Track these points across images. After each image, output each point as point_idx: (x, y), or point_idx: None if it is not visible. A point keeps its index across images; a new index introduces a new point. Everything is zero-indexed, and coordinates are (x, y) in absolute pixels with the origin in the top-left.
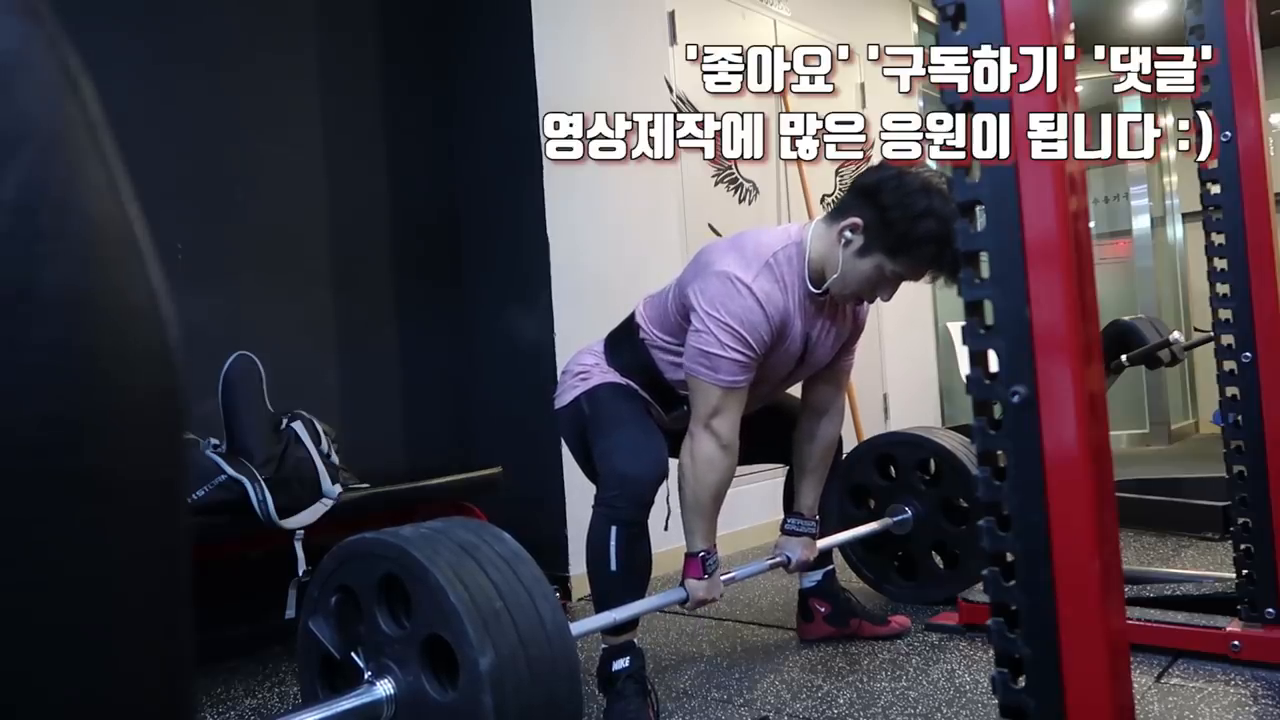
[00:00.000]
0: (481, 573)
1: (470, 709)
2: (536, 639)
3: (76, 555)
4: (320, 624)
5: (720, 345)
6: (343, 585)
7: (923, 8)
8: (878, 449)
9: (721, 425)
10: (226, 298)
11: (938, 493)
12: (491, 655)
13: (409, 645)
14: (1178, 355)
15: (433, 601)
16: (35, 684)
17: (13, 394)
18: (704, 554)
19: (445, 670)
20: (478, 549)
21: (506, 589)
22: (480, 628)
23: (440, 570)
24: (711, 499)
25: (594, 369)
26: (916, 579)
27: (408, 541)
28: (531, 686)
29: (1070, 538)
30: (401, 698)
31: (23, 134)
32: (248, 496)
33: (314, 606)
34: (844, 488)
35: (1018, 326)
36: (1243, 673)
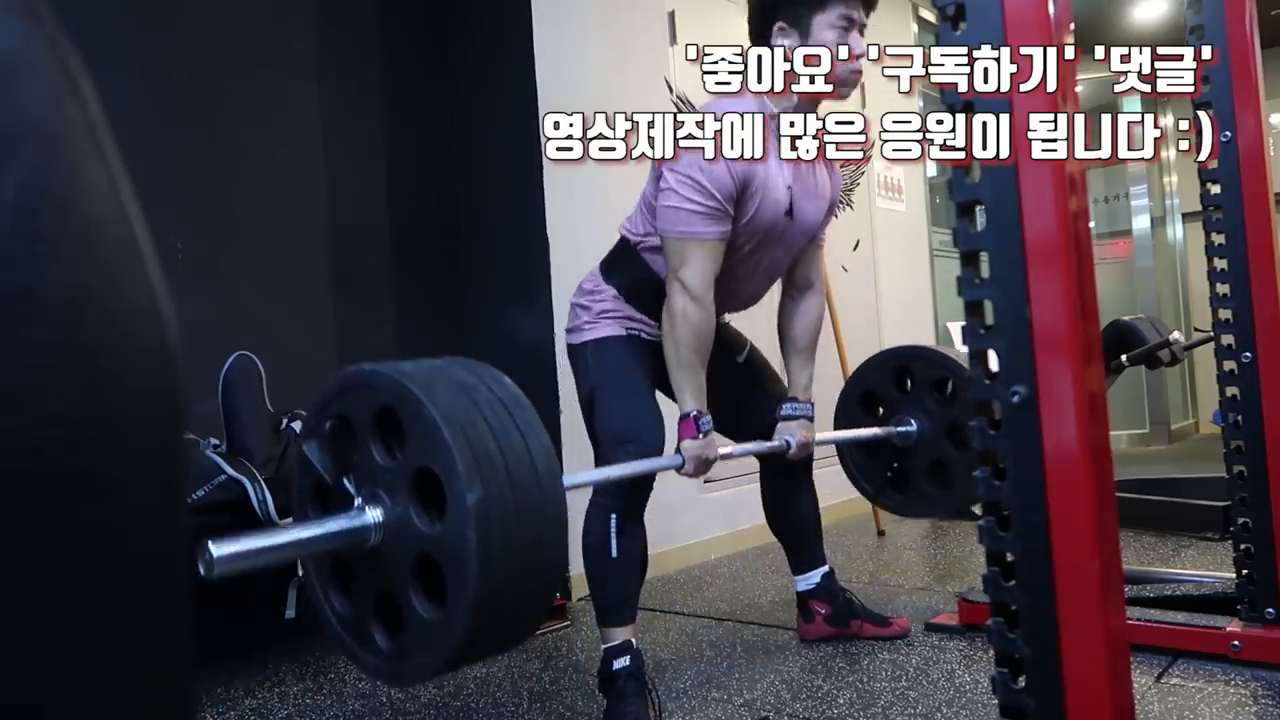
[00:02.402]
0: (477, 412)
1: (455, 541)
2: (527, 481)
3: (76, 555)
4: (315, 450)
5: (680, 198)
6: (339, 414)
7: (923, 8)
8: (896, 360)
9: (690, 277)
10: (226, 298)
11: (947, 413)
12: (480, 491)
13: (399, 476)
14: (1178, 355)
15: (426, 436)
16: (35, 684)
17: (12, 394)
18: (696, 414)
19: (434, 503)
20: (476, 389)
21: (500, 430)
22: (471, 464)
23: (436, 406)
24: (692, 352)
25: (595, 299)
26: (909, 494)
27: (406, 376)
28: (518, 526)
29: (1070, 538)
30: (389, 525)
31: (23, 134)
32: (248, 496)
33: (310, 432)
34: (855, 393)
35: (1018, 326)
36: (1243, 673)
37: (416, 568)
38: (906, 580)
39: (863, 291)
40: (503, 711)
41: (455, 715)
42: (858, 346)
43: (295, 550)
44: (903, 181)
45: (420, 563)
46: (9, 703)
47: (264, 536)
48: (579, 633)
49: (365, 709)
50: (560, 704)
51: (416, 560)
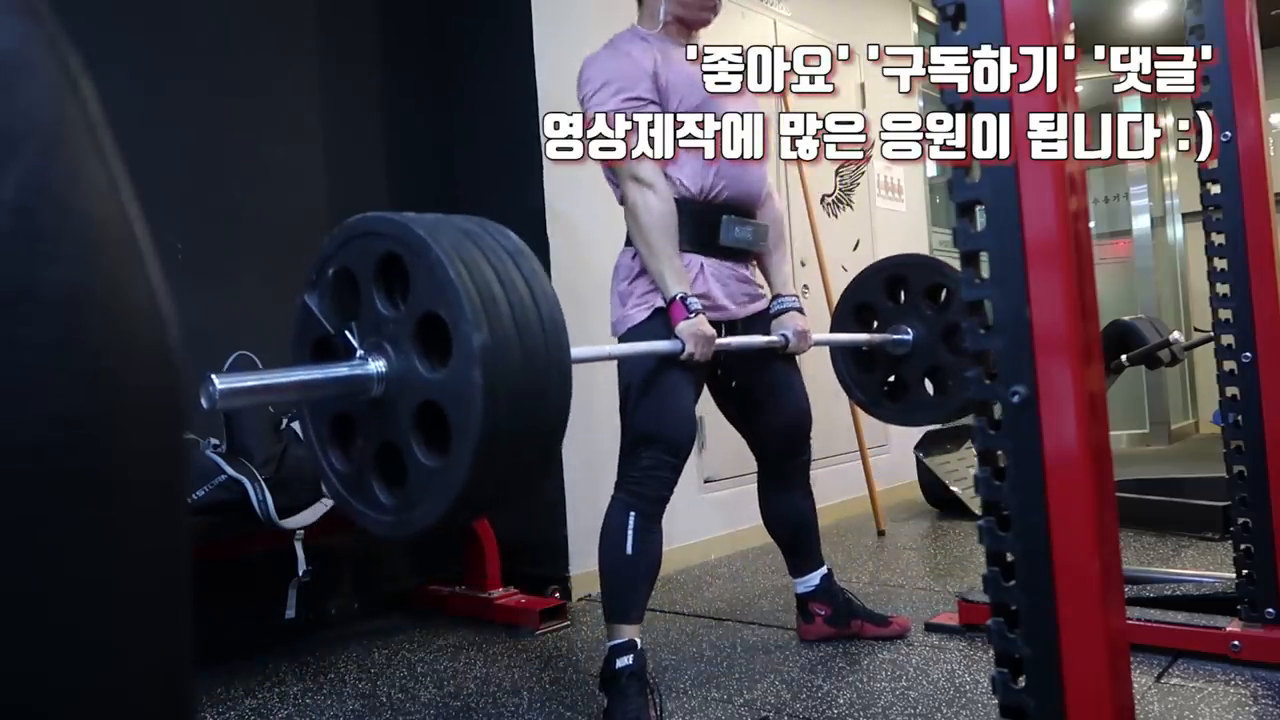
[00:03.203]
0: (483, 257)
1: (460, 383)
2: (532, 326)
3: (76, 555)
4: (316, 300)
5: (607, 102)
6: (342, 265)
7: (923, 8)
8: (888, 270)
9: (639, 169)
10: (226, 298)
11: (941, 319)
12: (486, 333)
13: (404, 325)
14: (1178, 355)
15: (431, 278)
16: (36, 684)
17: (12, 394)
18: (681, 296)
19: (438, 351)
20: (480, 238)
21: (506, 277)
22: (477, 306)
23: (441, 248)
24: (661, 237)
25: (631, 275)
26: (904, 402)
27: (410, 220)
28: (523, 372)
29: (1070, 538)
30: (391, 376)
31: (23, 134)
32: (248, 496)
33: (311, 285)
34: (850, 305)
35: (1018, 326)
36: (1243, 673)
37: (419, 416)
38: (906, 580)
39: None
40: (503, 711)
41: (455, 715)
42: None
43: (296, 391)
44: (903, 181)
45: (423, 411)
46: (9, 703)
47: (267, 375)
48: (579, 633)
49: (365, 709)
50: (560, 704)
51: (419, 408)
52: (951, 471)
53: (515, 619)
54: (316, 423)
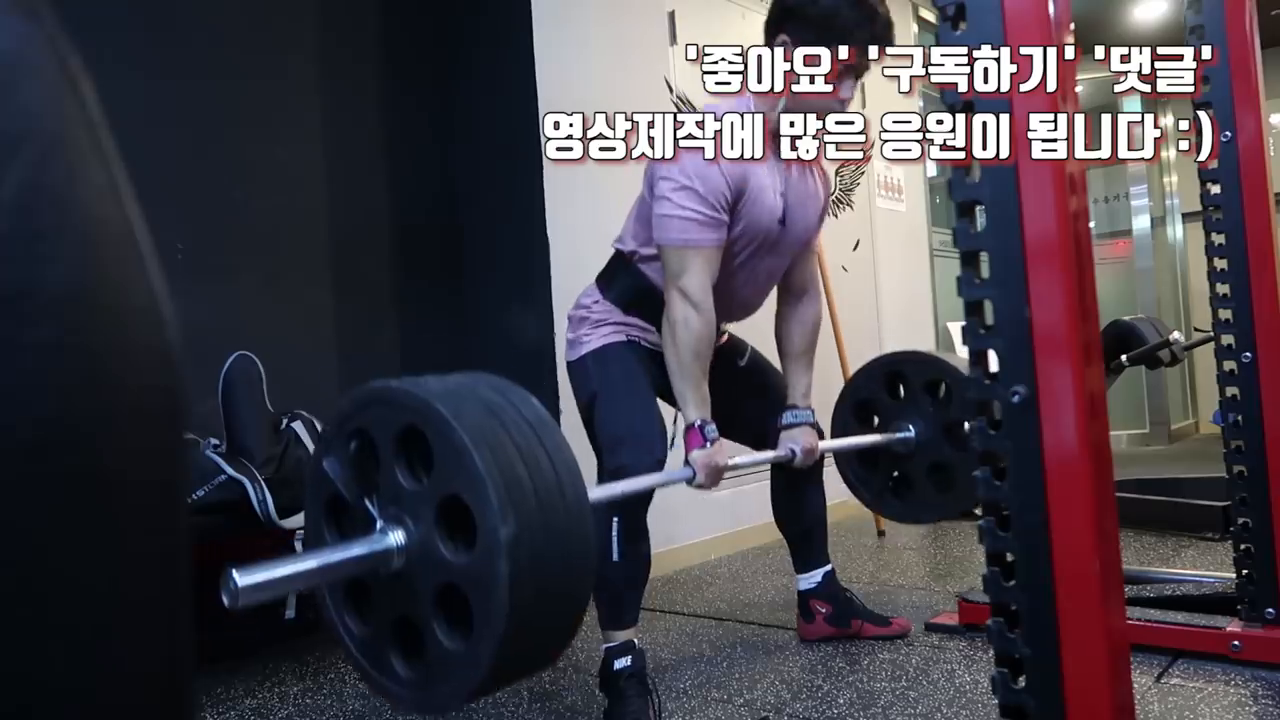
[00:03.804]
0: (507, 436)
1: (485, 574)
2: (555, 508)
3: (77, 556)
4: (334, 465)
5: (677, 206)
6: (360, 429)
7: (923, 8)
8: (887, 366)
9: (689, 285)
10: (226, 298)
11: (943, 415)
12: (513, 525)
13: (425, 501)
14: (1178, 355)
15: (456, 462)
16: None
17: (12, 394)
18: (700, 423)
19: (461, 531)
20: (503, 411)
21: (530, 457)
22: (503, 495)
23: (466, 430)
24: (692, 359)
25: (595, 310)
26: (910, 500)
27: (433, 396)
28: (547, 556)
29: (1070, 538)
30: (412, 549)
31: (23, 134)
32: (248, 496)
33: (328, 446)
34: (850, 403)
35: (1018, 326)
36: (1243, 673)
37: (440, 596)
38: (906, 580)
39: (863, 291)
40: (503, 711)
41: (455, 715)
42: (858, 346)
43: (318, 577)
44: (903, 181)
45: (444, 591)
46: (10, 703)
47: (287, 565)
48: (579, 632)
49: (365, 709)
50: (560, 704)
51: (440, 588)
52: None
53: None
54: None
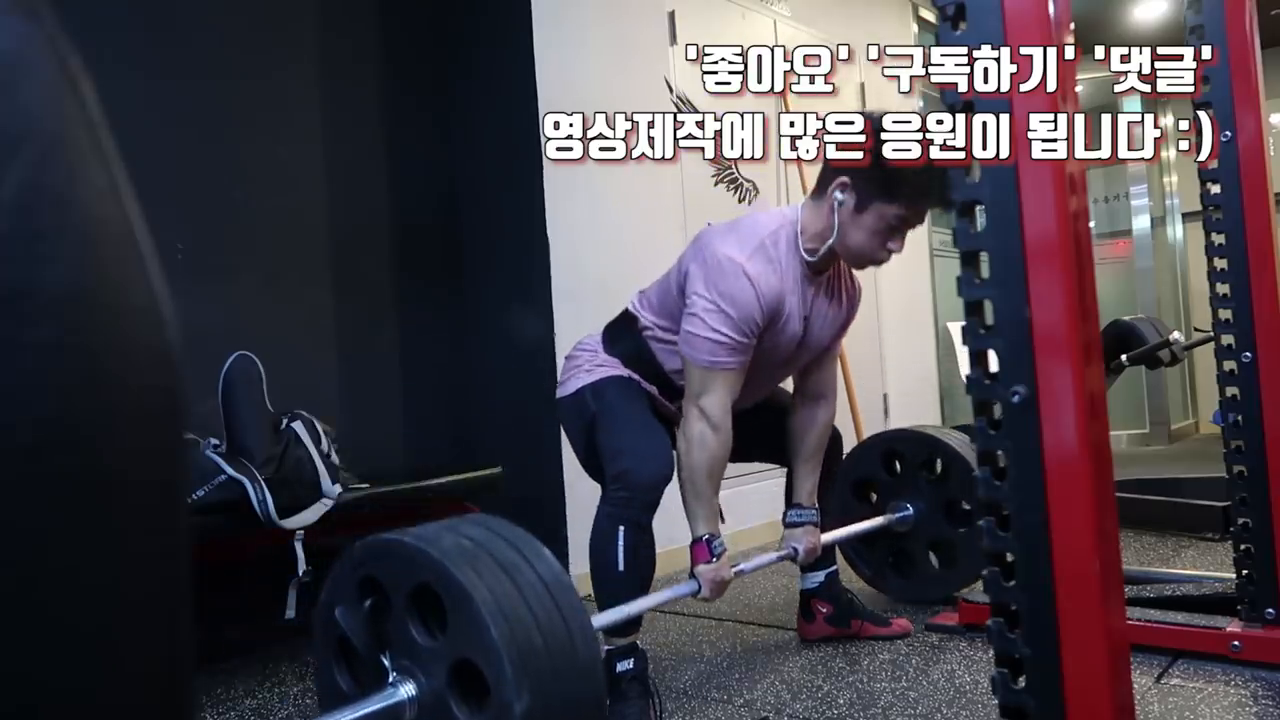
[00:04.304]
0: (521, 600)
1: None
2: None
3: (77, 556)
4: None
5: (709, 328)
6: (372, 578)
7: (923, 8)
8: (884, 444)
9: (710, 405)
10: (226, 298)
11: (941, 492)
12: (527, 699)
13: (438, 659)
14: (1178, 355)
15: (471, 629)
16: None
17: (13, 394)
18: (708, 537)
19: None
20: (519, 570)
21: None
22: (518, 665)
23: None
24: (706, 478)
25: (595, 356)
26: (912, 577)
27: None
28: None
29: (1070, 538)
30: (424, 703)
31: (23, 134)
32: (248, 496)
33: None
34: (847, 481)
35: (1018, 326)
36: (1243, 673)
37: None
38: None
39: (863, 291)
40: None
41: None
42: (858, 347)
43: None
44: None
45: None
46: (11, 702)
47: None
48: None
49: None
50: None
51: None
52: None
53: None
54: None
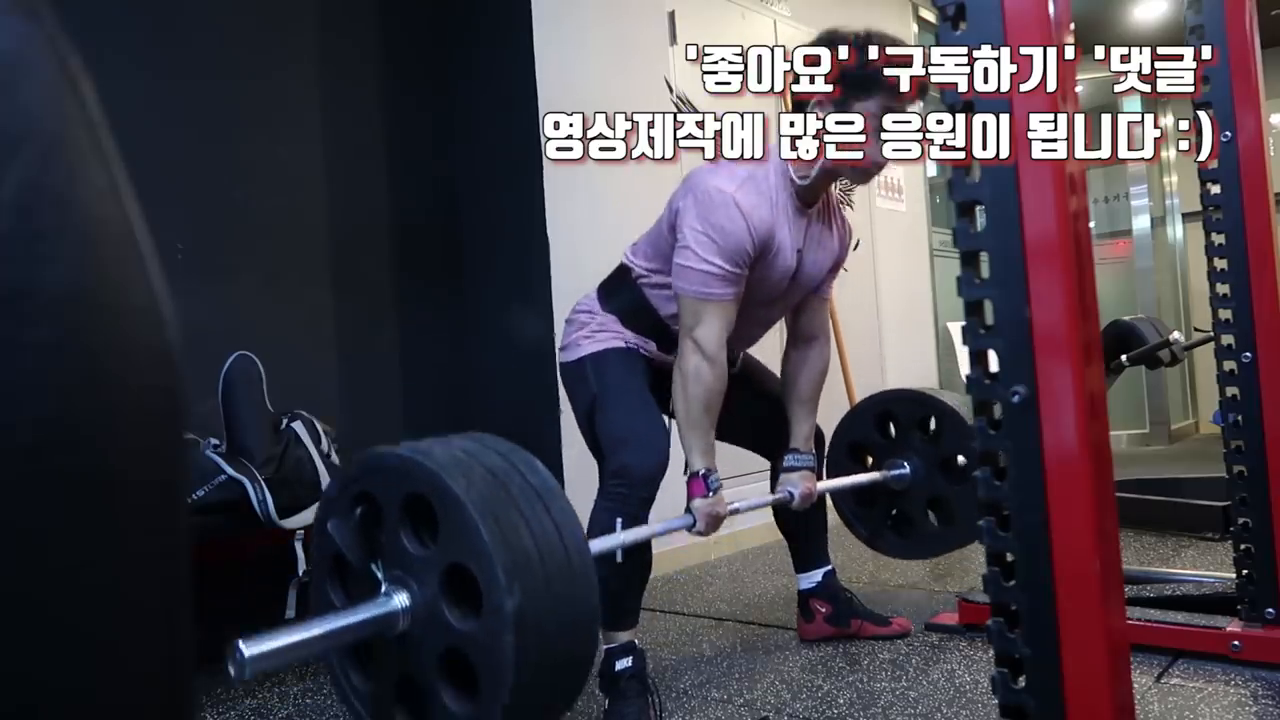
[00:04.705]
0: (514, 507)
1: (490, 644)
2: (562, 579)
3: (77, 556)
4: (339, 528)
5: (700, 259)
6: (366, 493)
7: (923, 8)
8: (877, 406)
9: (704, 337)
10: (226, 298)
11: (936, 450)
12: (518, 596)
13: (431, 567)
14: (1178, 355)
15: (462, 534)
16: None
17: (12, 394)
18: (705, 472)
19: (466, 598)
20: (510, 479)
21: (536, 525)
22: (509, 567)
23: (473, 503)
24: (703, 411)
25: (594, 318)
26: (911, 536)
27: (441, 466)
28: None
29: (1070, 538)
30: (417, 612)
31: (23, 134)
32: (248, 496)
33: (332, 508)
34: (843, 444)
35: (1018, 326)
36: (1243, 673)
37: (445, 659)
38: (906, 580)
39: (863, 291)
40: None
41: None
42: (858, 347)
43: (325, 643)
44: (903, 181)
45: (449, 655)
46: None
47: (294, 632)
48: None
49: None
50: None
51: (445, 652)
52: None
53: None
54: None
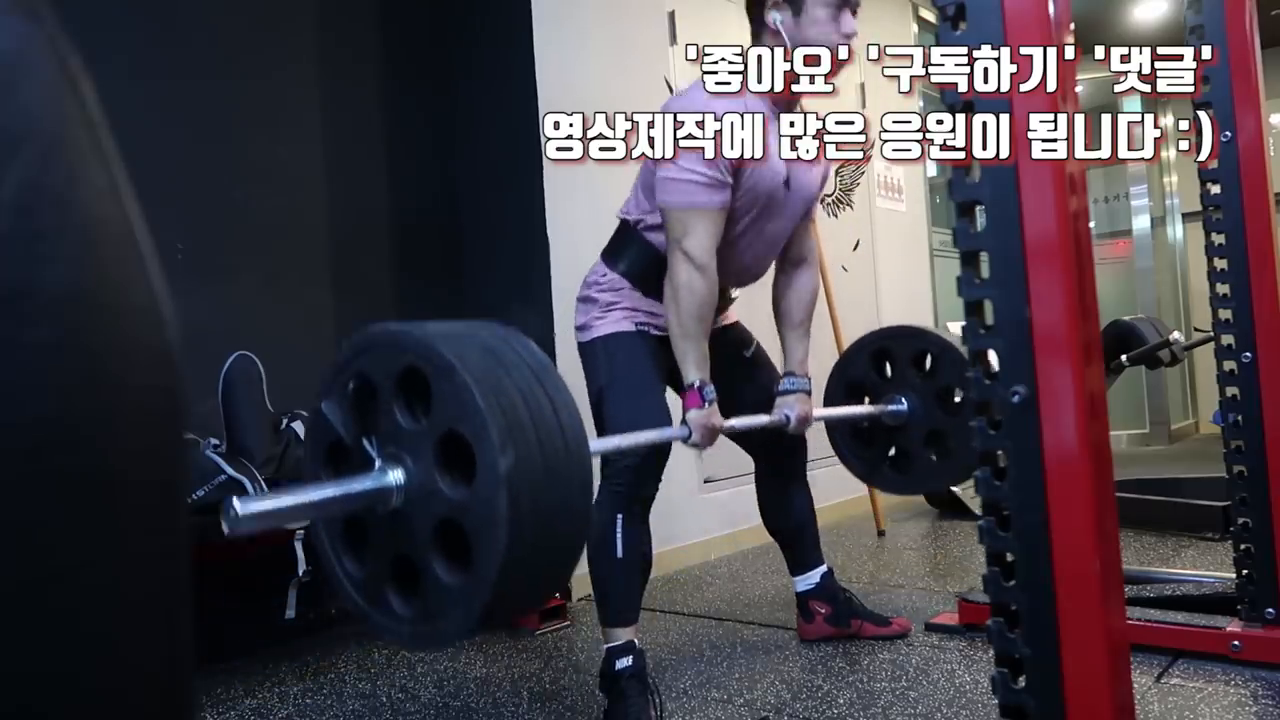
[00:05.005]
0: (507, 377)
1: (484, 508)
2: (556, 450)
3: (77, 555)
4: (333, 408)
5: (680, 169)
6: (360, 373)
7: (923, 8)
8: (872, 344)
9: (692, 246)
10: (226, 298)
11: (933, 384)
12: (511, 456)
13: (424, 439)
14: (1178, 355)
15: (456, 399)
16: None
17: (12, 394)
18: (700, 384)
19: (460, 467)
20: (504, 354)
21: (531, 398)
22: (503, 429)
23: (468, 370)
24: (695, 322)
25: (606, 293)
26: (910, 472)
27: (434, 337)
28: (547, 492)
29: (1070, 538)
30: (410, 487)
31: (23, 134)
32: None
33: (327, 390)
34: (840, 384)
35: (1018, 326)
36: (1243, 673)
37: (439, 531)
38: (906, 580)
39: (863, 292)
40: (503, 711)
41: (455, 715)
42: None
43: (316, 510)
44: (903, 181)
45: (443, 526)
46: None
47: (286, 496)
48: (579, 633)
49: (365, 709)
50: (560, 704)
51: (439, 524)
52: None
53: (515, 619)
54: (330, 526)
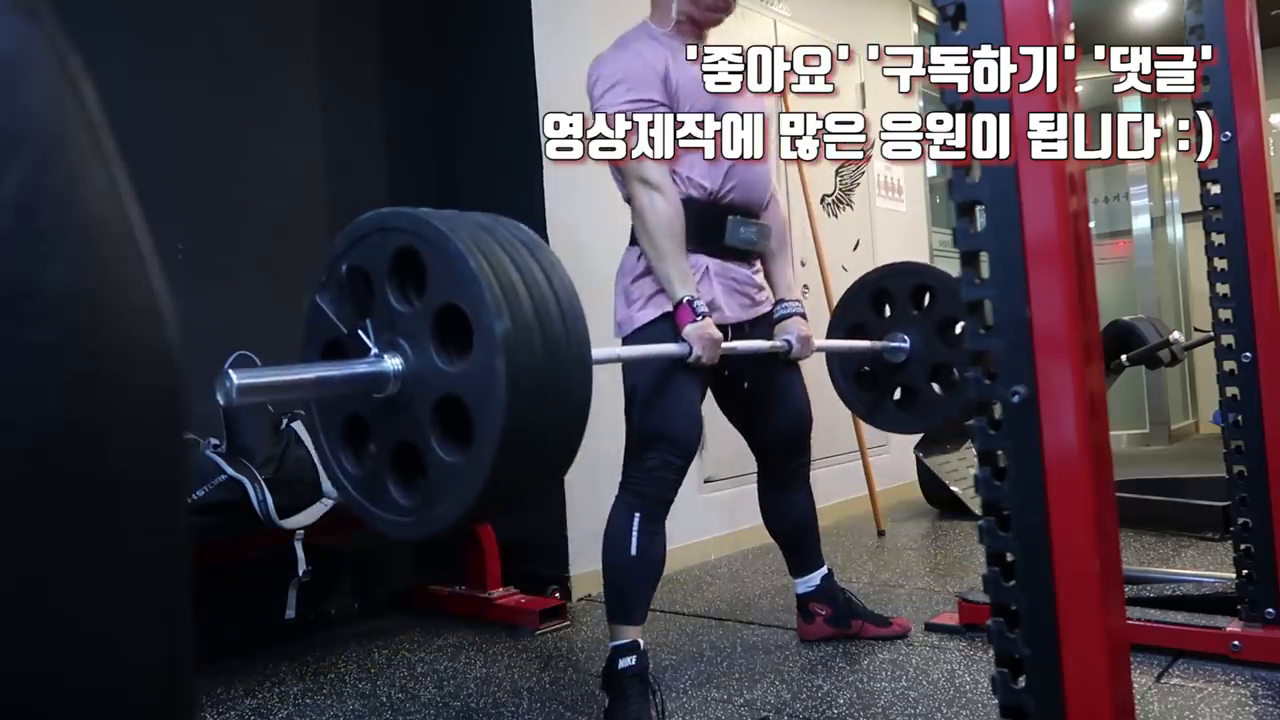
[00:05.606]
0: (500, 250)
1: (482, 373)
2: (552, 317)
3: (77, 555)
4: (328, 300)
5: (614, 103)
6: (354, 265)
7: (923, 8)
8: (871, 285)
9: (646, 171)
10: (226, 298)
11: (932, 316)
12: (508, 321)
13: (420, 319)
14: (1178, 355)
15: (450, 271)
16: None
17: (12, 393)
18: (689, 299)
19: (457, 341)
20: (496, 231)
21: (524, 268)
22: (498, 295)
23: (460, 240)
24: (667, 238)
25: (636, 275)
26: (915, 408)
27: (427, 214)
28: (545, 361)
29: (1070, 538)
30: (408, 373)
31: (23, 134)
32: (248, 496)
33: (322, 284)
34: (841, 328)
35: (1018, 326)
36: (1243, 673)
37: (438, 412)
38: (906, 580)
39: None
40: (503, 712)
41: (455, 715)
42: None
43: (314, 388)
44: (903, 181)
45: (442, 406)
46: (11, 702)
47: (284, 372)
48: (579, 633)
49: (365, 709)
50: (560, 704)
51: (438, 403)
52: (951, 471)
53: (515, 619)
54: (327, 426)
